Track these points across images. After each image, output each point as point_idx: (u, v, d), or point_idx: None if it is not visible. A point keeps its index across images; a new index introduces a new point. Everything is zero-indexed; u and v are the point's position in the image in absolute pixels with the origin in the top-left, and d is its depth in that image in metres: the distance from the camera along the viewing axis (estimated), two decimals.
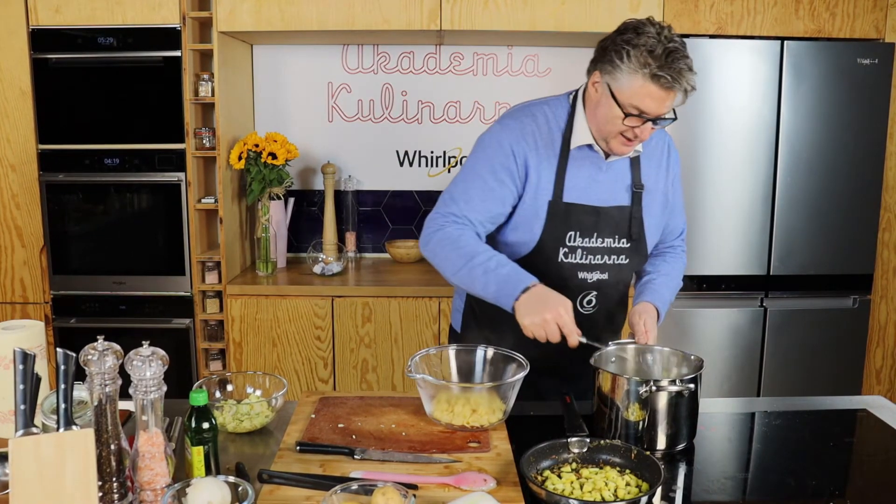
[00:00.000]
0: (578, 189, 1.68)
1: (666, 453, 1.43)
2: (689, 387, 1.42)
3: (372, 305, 2.94)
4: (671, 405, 1.42)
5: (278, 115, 3.38)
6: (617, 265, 1.72)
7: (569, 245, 1.68)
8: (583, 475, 1.31)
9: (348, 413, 1.57)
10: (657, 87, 1.49)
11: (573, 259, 1.69)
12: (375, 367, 2.99)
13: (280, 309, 2.94)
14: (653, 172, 1.74)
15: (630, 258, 1.73)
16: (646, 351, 1.60)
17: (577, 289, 1.71)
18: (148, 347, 1.23)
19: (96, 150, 2.94)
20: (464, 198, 1.67)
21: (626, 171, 1.71)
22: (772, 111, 2.87)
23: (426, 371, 1.57)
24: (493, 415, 1.50)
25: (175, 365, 3.00)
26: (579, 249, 1.69)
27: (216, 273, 3.01)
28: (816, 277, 2.99)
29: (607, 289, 1.73)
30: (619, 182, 1.70)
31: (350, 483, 1.19)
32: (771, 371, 3.02)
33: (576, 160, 1.68)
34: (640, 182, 1.71)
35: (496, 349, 1.63)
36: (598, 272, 1.71)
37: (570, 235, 1.68)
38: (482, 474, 1.30)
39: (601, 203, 1.69)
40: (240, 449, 1.46)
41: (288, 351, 2.97)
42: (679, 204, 1.84)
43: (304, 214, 3.45)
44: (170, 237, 2.99)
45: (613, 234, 1.70)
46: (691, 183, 2.89)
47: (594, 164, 1.69)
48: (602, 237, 1.69)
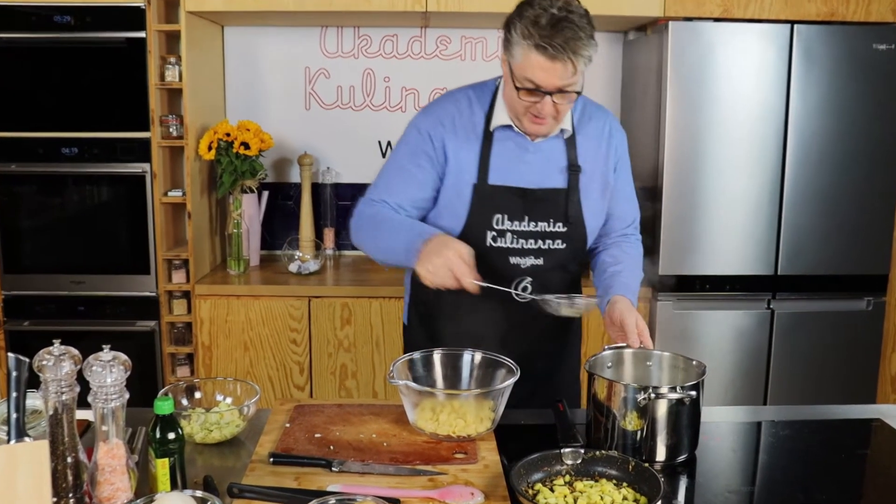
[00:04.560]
0: (504, 171, 1.73)
1: (666, 465, 1.44)
2: (691, 394, 1.43)
3: (352, 306, 2.94)
4: (671, 414, 1.43)
5: (251, 101, 3.37)
6: (553, 250, 1.76)
7: (497, 228, 1.74)
8: (577, 489, 1.32)
9: (326, 422, 1.56)
10: (543, 57, 1.55)
11: (503, 243, 1.74)
12: (355, 373, 2.99)
13: (253, 310, 2.94)
14: (591, 153, 1.78)
15: (567, 243, 1.77)
16: (644, 356, 1.61)
17: (511, 274, 1.75)
18: (109, 352, 1.22)
19: (52, 138, 2.92)
20: (385, 184, 1.80)
21: (559, 151, 1.76)
22: (780, 100, 2.89)
23: (409, 377, 1.58)
24: (481, 423, 1.51)
25: (138, 371, 2.95)
26: (508, 233, 1.74)
27: (184, 272, 3.00)
28: (827, 278, 3.01)
29: (544, 275, 1.77)
30: (551, 163, 1.75)
31: (327, 497, 1.19)
32: (778, 378, 3.04)
33: (500, 141, 1.74)
34: (577, 163, 1.75)
35: (484, 353, 1.63)
36: (532, 257, 1.75)
37: (498, 218, 1.73)
38: (469, 487, 1.31)
39: (531, 185, 1.73)
40: (208, 461, 1.45)
41: (261, 355, 2.97)
42: (628, 190, 1.87)
43: (279, 209, 3.44)
44: (133, 233, 2.97)
45: (547, 218, 1.74)
46: (693, 176, 2.90)
47: (520, 145, 1.75)
48: (534, 220, 1.74)
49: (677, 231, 2.93)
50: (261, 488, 1.28)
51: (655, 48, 2.95)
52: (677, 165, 2.89)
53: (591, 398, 1.49)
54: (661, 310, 2.95)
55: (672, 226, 2.92)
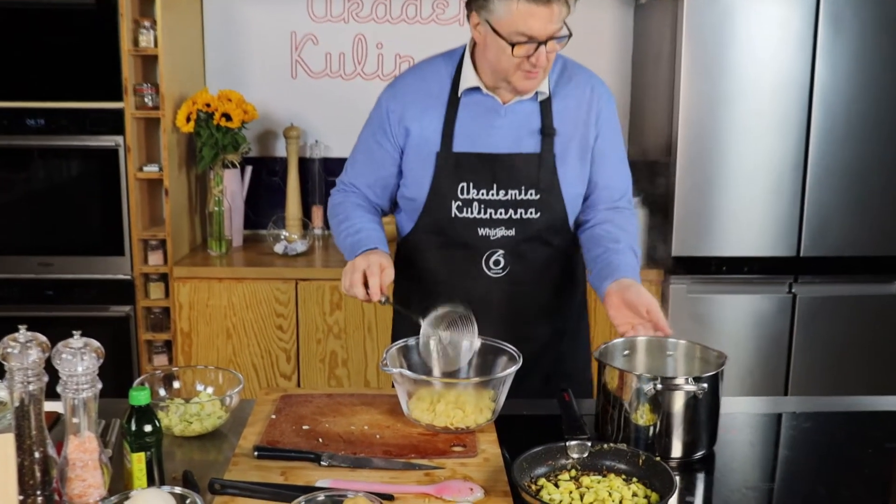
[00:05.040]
0: (471, 137, 1.75)
1: (682, 462, 1.44)
2: (703, 387, 1.41)
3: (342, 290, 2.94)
4: (688, 407, 1.42)
5: (233, 69, 3.35)
6: (526, 220, 1.76)
7: (462, 198, 1.75)
8: (583, 484, 1.32)
9: (314, 413, 1.57)
10: (534, 4, 1.57)
11: (469, 213, 1.76)
12: (346, 361, 2.99)
13: (236, 294, 2.94)
14: (570, 115, 1.77)
15: (542, 212, 1.76)
16: (660, 344, 1.60)
17: (481, 247, 1.77)
18: (80, 338, 1.22)
19: (16, 108, 2.90)
20: (351, 164, 1.89)
21: (532, 114, 1.76)
22: (805, 68, 2.88)
23: (404, 365, 1.58)
24: (481, 414, 1.51)
25: (112, 359, 2.94)
26: (475, 202, 1.75)
27: (161, 253, 3.00)
28: (854, 259, 3.01)
29: (518, 246, 1.77)
30: (523, 127, 1.76)
31: (316, 493, 1.20)
32: (800, 366, 3.05)
33: (467, 107, 1.76)
34: (552, 126, 1.75)
35: (485, 339, 1.63)
36: (503, 228, 1.76)
37: (463, 187, 1.75)
38: (468, 482, 1.31)
39: (500, 150, 1.74)
40: (188, 455, 1.46)
41: (245, 342, 2.97)
42: (615, 158, 1.84)
43: (264, 185, 3.43)
44: (106, 211, 2.96)
45: (518, 185, 1.75)
46: (709, 150, 2.89)
47: (490, 109, 1.76)
48: (503, 188, 1.75)
49: (691, 209, 2.92)
50: (244, 484, 1.29)
51: (669, 12, 2.93)
52: (692, 139, 2.88)
53: (602, 389, 1.49)
54: (674, 294, 2.95)
55: (686, 203, 2.92)
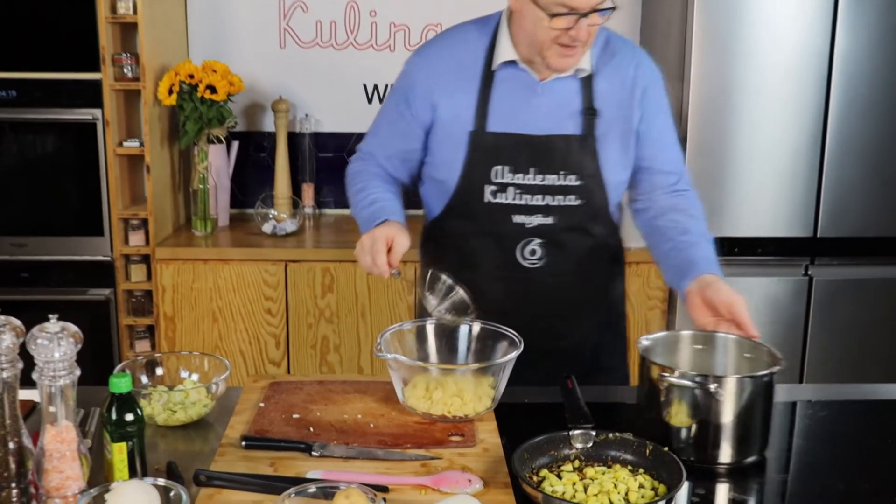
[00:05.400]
0: (507, 116, 1.72)
1: (731, 467, 1.40)
2: (757, 388, 1.37)
3: (334, 272, 2.94)
4: (740, 408, 1.38)
5: (218, 39, 3.33)
6: (566, 207, 1.73)
7: (496, 182, 1.72)
8: (587, 475, 1.32)
9: (305, 401, 1.57)
10: None
11: (503, 199, 1.73)
12: (338, 346, 3.00)
13: (222, 276, 2.94)
14: (613, 95, 1.74)
15: (583, 199, 1.74)
16: (706, 339, 1.55)
17: (515, 235, 1.74)
18: (56, 322, 1.21)
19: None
20: (373, 132, 1.87)
21: (573, 93, 1.73)
22: (824, 37, 2.86)
23: (399, 350, 1.58)
24: (480, 402, 1.51)
25: (91, 344, 2.92)
26: (510, 187, 1.72)
27: (142, 233, 2.99)
28: (873, 241, 3.01)
29: (556, 236, 1.74)
30: (563, 107, 1.72)
31: (307, 485, 1.20)
32: (816, 353, 3.06)
33: (503, 83, 1.72)
34: (593, 106, 1.72)
35: (484, 324, 1.63)
36: (540, 215, 1.73)
37: (497, 171, 1.72)
38: (466, 474, 1.31)
39: (538, 131, 1.71)
40: (172, 445, 1.46)
41: (231, 327, 2.97)
42: (667, 139, 1.81)
43: (251, 161, 3.43)
44: (83, 189, 2.96)
45: (557, 170, 1.72)
46: (722, 127, 2.88)
47: (527, 86, 1.72)
48: (541, 172, 1.72)
49: (703, 188, 2.88)
50: (231, 475, 1.29)
51: None
52: (704, 114, 2.87)
53: (644, 387, 1.46)
54: None
55: (697, 182, 2.86)
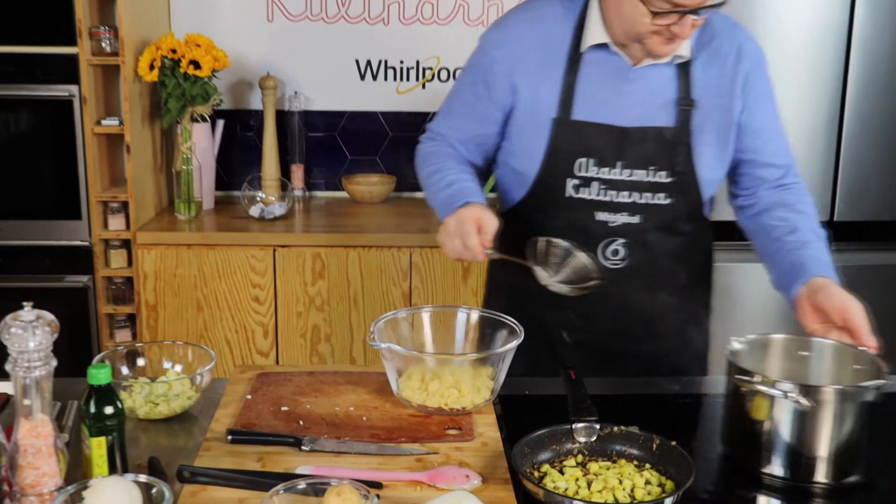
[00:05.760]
0: (595, 103, 1.67)
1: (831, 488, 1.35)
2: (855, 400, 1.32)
3: (325, 257, 2.94)
4: (838, 422, 1.33)
5: (202, 11, 3.31)
6: (654, 206, 1.69)
7: (579, 176, 1.68)
8: (591, 470, 1.33)
9: (294, 393, 1.57)
10: None
11: (586, 194, 1.69)
12: (329, 336, 3.00)
13: (207, 262, 2.94)
14: (712, 83, 1.68)
15: (674, 198, 1.69)
16: (801, 344, 1.50)
17: (597, 234, 1.70)
18: (31, 311, 1.21)
19: None
20: (445, 113, 1.82)
21: (668, 80, 1.67)
22: (843, 13, 2.85)
23: (393, 339, 1.58)
24: (479, 394, 1.51)
25: (69, 334, 2.94)
26: (595, 182, 1.68)
27: (122, 217, 2.99)
28: (894, 225, 3.01)
29: (641, 236, 1.70)
30: (656, 95, 1.67)
31: (296, 481, 1.20)
32: None
33: (592, 66, 1.67)
34: (690, 96, 1.67)
35: (483, 312, 1.63)
36: (626, 213, 1.69)
37: (581, 163, 1.67)
38: (464, 469, 1.31)
39: (628, 122, 1.66)
40: (154, 440, 1.46)
41: (217, 315, 2.98)
42: (773, 129, 1.75)
43: (238, 141, 3.42)
44: (60, 170, 2.95)
45: (647, 165, 1.67)
46: None
47: (618, 72, 1.67)
48: (629, 167, 1.67)
49: None
50: (217, 471, 1.29)
51: None
52: None
53: (731, 395, 1.41)
54: None
55: None
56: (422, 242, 2.93)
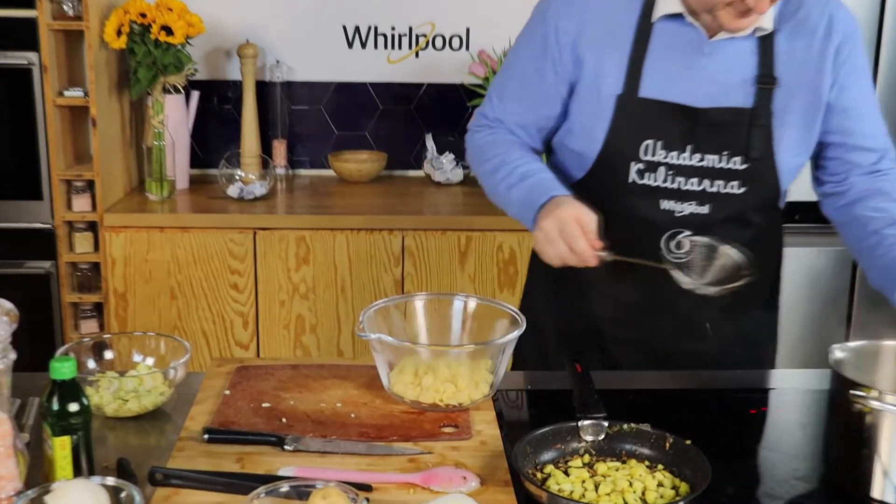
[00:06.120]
0: (664, 80, 1.63)
1: None
2: None
3: (310, 241, 2.94)
4: None
5: None
6: (724, 195, 1.66)
7: (644, 160, 1.65)
8: (598, 472, 1.33)
9: (276, 388, 1.57)
10: None
11: (651, 180, 1.66)
12: (315, 326, 3.01)
13: (181, 246, 2.93)
14: (798, 57, 1.64)
15: (748, 186, 1.66)
16: None
17: (661, 224, 1.68)
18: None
19: None
20: (500, 94, 1.78)
21: (747, 55, 1.63)
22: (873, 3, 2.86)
23: (384, 329, 1.57)
24: (477, 389, 1.51)
25: (29, 324, 2.96)
26: (662, 167, 1.65)
27: (88, 197, 2.98)
28: None
29: (709, 228, 1.66)
30: (733, 72, 1.64)
31: (278, 484, 1.20)
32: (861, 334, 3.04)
33: (663, 38, 1.64)
34: (772, 73, 1.64)
35: (481, 300, 1.63)
36: (694, 203, 1.66)
37: (647, 146, 1.65)
38: (460, 470, 1.31)
39: (702, 102, 1.63)
40: (123, 439, 1.46)
41: (193, 304, 2.98)
42: (867, 109, 1.71)
43: (214, 115, 3.42)
44: (18, 146, 2.94)
45: (720, 149, 1.64)
46: None
47: (691, 45, 1.63)
48: (700, 151, 1.64)
49: None
50: (192, 473, 1.28)
51: None
52: None
53: (835, 409, 1.38)
54: None
55: None
56: (415, 225, 2.93)
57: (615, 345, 1.79)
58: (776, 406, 1.60)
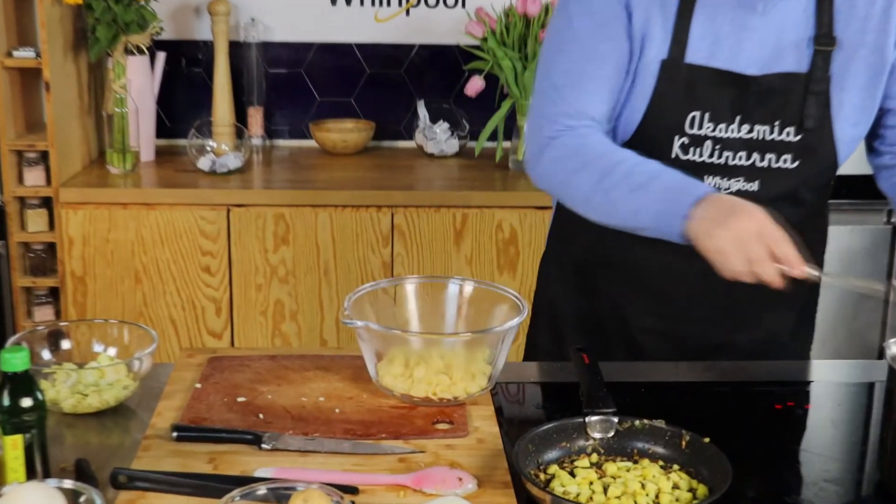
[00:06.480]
0: (713, 42, 1.62)
1: None
2: None
3: (289, 219, 2.94)
4: None
5: None
6: (775, 170, 1.65)
7: (690, 133, 1.64)
8: (607, 472, 1.33)
9: (253, 381, 1.57)
10: None
11: (696, 156, 1.65)
12: (295, 313, 3.01)
13: (146, 225, 2.93)
14: (859, 15, 1.63)
15: (802, 160, 1.65)
16: None
17: None
18: None
19: None
20: (568, 82, 1.66)
21: (803, 14, 1.62)
22: None
23: (372, 316, 1.57)
24: (474, 381, 1.51)
25: None
26: (708, 141, 1.64)
27: (42, 170, 2.97)
28: None
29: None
30: (786, 33, 1.62)
31: (255, 486, 1.19)
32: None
33: None
34: (831, 32, 1.62)
35: (478, 283, 1.63)
36: (742, 179, 1.66)
37: (694, 118, 1.64)
38: (456, 471, 1.31)
39: (753, 68, 1.62)
40: (83, 438, 1.46)
41: (160, 289, 2.98)
42: None
43: (183, 79, 3.42)
44: None
45: (771, 119, 1.63)
46: None
47: (743, 4, 1.61)
48: (749, 122, 1.64)
49: None
50: (159, 475, 1.28)
51: None
52: None
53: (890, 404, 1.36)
54: None
55: None
56: (405, 201, 2.93)
57: (643, 335, 1.78)
58: (806, 401, 1.60)
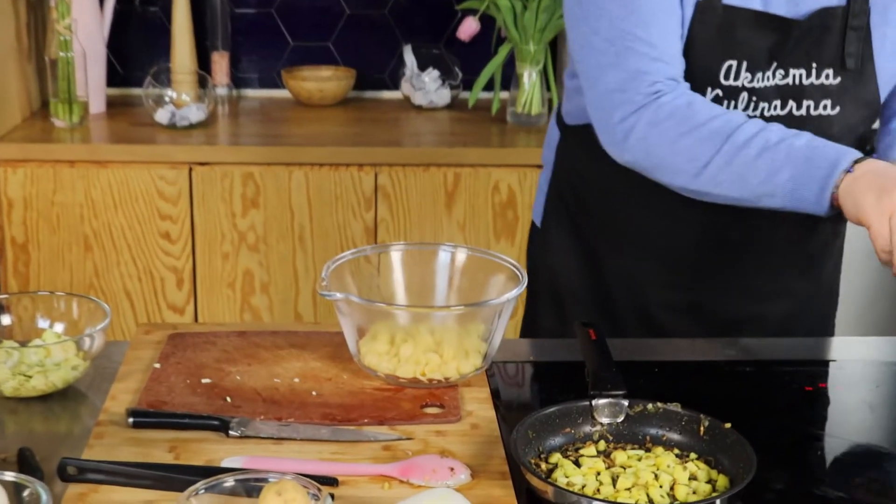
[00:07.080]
0: None
1: None
2: None
3: (260, 179, 2.94)
4: None
5: None
6: (815, 118, 1.67)
7: (724, 84, 1.66)
8: (616, 461, 1.33)
9: (219, 360, 1.58)
10: None
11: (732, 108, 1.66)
12: (267, 285, 3.02)
13: (97, 186, 2.93)
14: None
15: (842, 105, 1.67)
16: None
17: None
18: None
19: None
20: (641, 23, 1.61)
21: None
22: None
23: (353, 288, 1.58)
24: (467, 360, 1.52)
25: None
26: (744, 93, 1.66)
27: None
28: None
29: None
30: None
31: (222, 477, 1.19)
32: None
33: None
34: None
35: (472, 250, 1.64)
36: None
37: (731, 66, 1.65)
38: (447, 459, 1.32)
39: (793, 11, 1.63)
40: (26, 425, 1.46)
41: (113, 258, 2.99)
42: None
43: (137, 19, 3.41)
44: None
45: (809, 63, 1.65)
46: None
47: None
48: (784, 66, 1.65)
49: None
50: (114, 465, 1.28)
51: None
52: None
53: None
54: None
55: None
56: (390, 159, 2.93)
57: (663, 310, 1.80)
58: (837, 382, 1.61)
